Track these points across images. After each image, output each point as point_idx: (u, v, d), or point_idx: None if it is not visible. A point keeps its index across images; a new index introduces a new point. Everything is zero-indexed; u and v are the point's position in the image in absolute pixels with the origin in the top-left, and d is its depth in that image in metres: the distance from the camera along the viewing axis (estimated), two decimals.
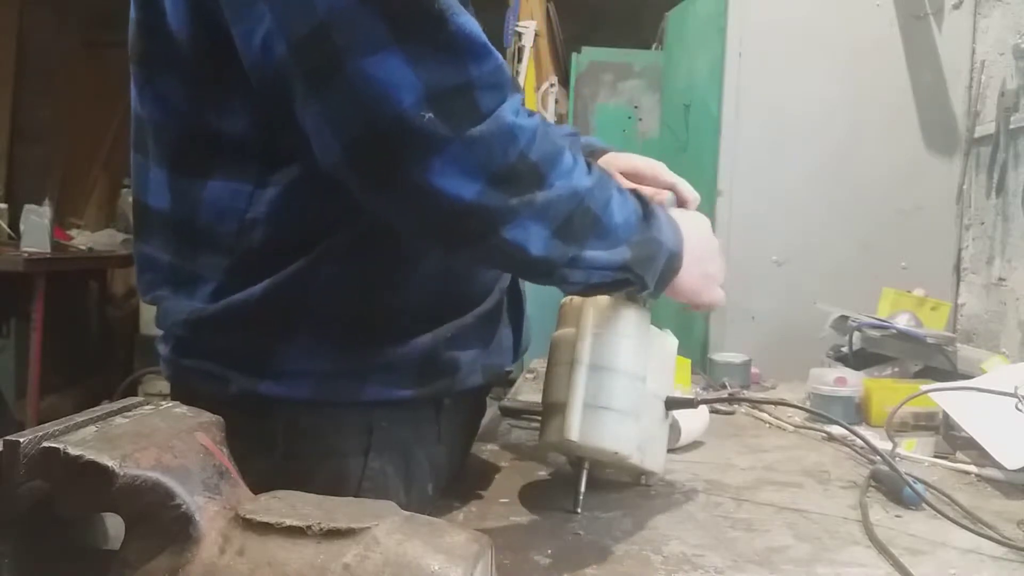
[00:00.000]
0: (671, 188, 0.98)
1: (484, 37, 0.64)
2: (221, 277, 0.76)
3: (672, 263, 0.80)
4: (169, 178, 0.77)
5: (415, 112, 0.61)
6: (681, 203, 0.98)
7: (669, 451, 1.09)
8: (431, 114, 0.61)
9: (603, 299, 0.85)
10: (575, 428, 0.80)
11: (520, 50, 3.72)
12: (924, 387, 1.21)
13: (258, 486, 0.54)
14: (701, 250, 0.85)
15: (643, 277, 0.77)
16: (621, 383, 0.83)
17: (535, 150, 0.66)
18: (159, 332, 0.82)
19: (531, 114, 0.68)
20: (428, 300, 0.79)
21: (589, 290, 0.79)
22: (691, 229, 0.85)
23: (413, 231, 0.71)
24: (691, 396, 0.97)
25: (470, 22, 0.64)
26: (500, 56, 0.66)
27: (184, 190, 0.76)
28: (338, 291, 0.75)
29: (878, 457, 0.98)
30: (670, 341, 0.94)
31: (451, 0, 0.63)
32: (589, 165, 0.73)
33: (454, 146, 0.62)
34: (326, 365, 0.76)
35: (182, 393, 0.78)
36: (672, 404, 0.93)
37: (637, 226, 0.75)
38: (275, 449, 0.76)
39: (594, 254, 0.72)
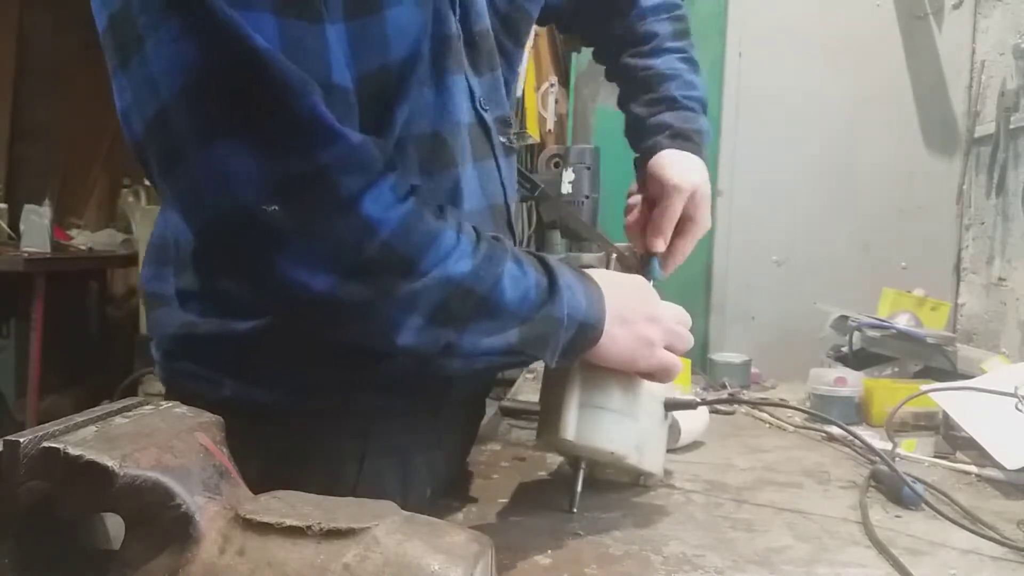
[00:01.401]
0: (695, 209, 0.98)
1: (333, 120, 0.59)
2: (210, 296, 0.76)
3: (586, 334, 0.74)
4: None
5: (257, 205, 0.58)
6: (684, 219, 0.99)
7: (669, 451, 1.09)
8: (276, 206, 0.58)
9: None
10: (571, 428, 0.80)
11: None
12: (924, 387, 1.21)
13: (254, 489, 0.54)
14: (631, 312, 0.78)
15: (538, 356, 0.72)
16: (618, 383, 0.83)
17: (401, 240, 0.62)
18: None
19: (405, 197, 0.63)
20: None
21: (474, 373, 0.74)
22: (620, 292, 0.79)
23: (283, 317, 0.70)
24: (691, 397, 0.97)
25: (314, 104, 0.58)
26: (357, 137, 0.60)
27: (160, 213, 0.79)
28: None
29: (878, 457, 0.98)
30: None
31: (293, 79, 0.57)
32: (478, 240, 0.68)
33: (301, 240, 0.59)
34: (319, 378, 0.75)
35: (175, 397, 0.78)
36: (671, 405, 0.93)
37: (536, 301, 0.70)
38: (270, 453, 0.76)
39: (474, 340, 0.67)
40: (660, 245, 0.99)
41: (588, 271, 0.79)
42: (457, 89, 0.77)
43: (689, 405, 0.95)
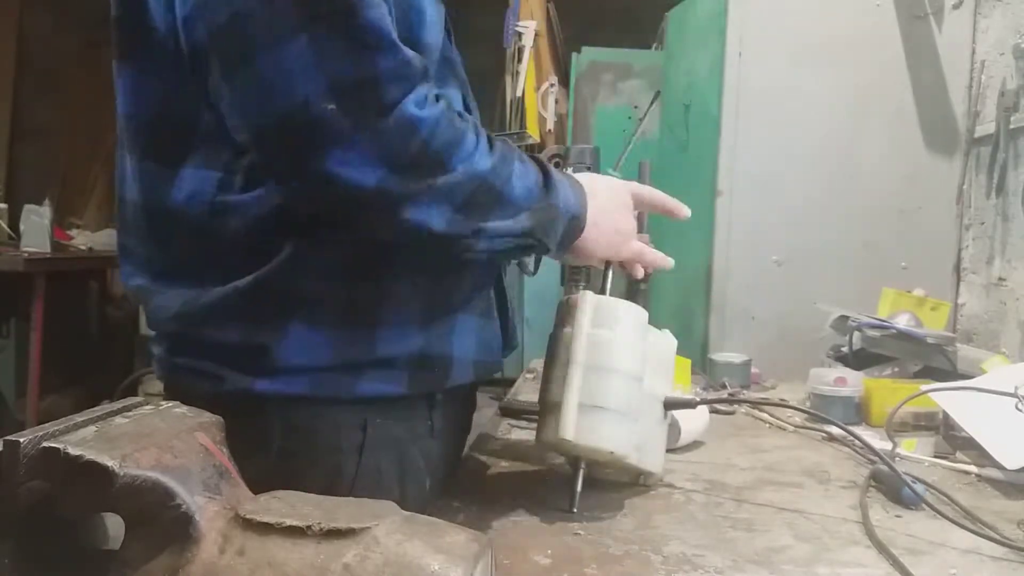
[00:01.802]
0: None
1: (392, 32, 0.66)
2: (201, 264, 0.77)
3: (574, 224, 0.83)
4: (140, 167, 0.79)
5: (317, 103, 0.64)
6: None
7: (669, 451, 1.09)
8: (333, 105, 0.64)
9: (600, 298, 0.85)
10: (570, 428, 0.80)
11: (520, 50, 3.72)
12: (924, 387, 1.21)
13: (253, 485, 0.54)
14: (609, 208, 0.88)
15: (544, 241, 0.80)
16: (617, 383, 0.83)
17: (437, 139, 0.69)
18: (152, 333, 0.83)
19: (437, 101, 0.70)
20: (418, 296, 0.80)
21: (495, 256, 0.83)
22: (597, 189, 0.87)
23: (321, 214, 0.73)
24: (691, 396, 0.97)
25: (381, 16, 0.66)
26: (408, 52, 0.68)
27: (154, 178, 0.78)
28: (325, 281, 0.76)
29: (878, 457, 0.98)
30: (668, 341, 0.94)
31: None
32: (492, 142, 0.76)
33: (355, 137, 0.65)
34: (320, 360, 0.77)
35: (176, 393, 0.78)
36: (671, 404, 0.93)
37: (538, 194, 0.78)
38: (270, 448, 0.76)
39: (496, 224, 0.75)
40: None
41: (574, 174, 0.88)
42: (456, 100, 0.86)
43: (688, 404, 0.95)
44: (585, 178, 0.89)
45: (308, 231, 0.75)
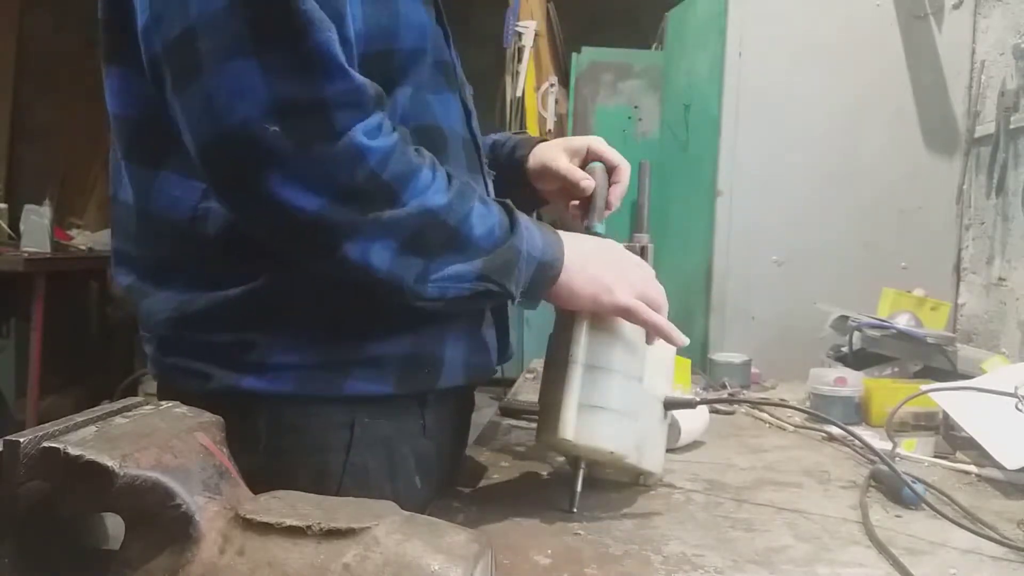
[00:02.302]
0: (600, 156, 0.99)
1: (340, 57, 0.65)
2: (189, 266, 0.77)
3: (544, 271, 0.79)
4: (128, 169, 0.80)
5: (259, 123, 0.63)
6: (609, 169, 0.99)
7: (669, 451, 1.09)
8: (276, 127, 0.63)
9: None
10: (570, 428, 0.80)
11: (520, 50, 3.72)
12: (924, 387, 1.21)
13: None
14: (593, 259, 0.83)
15: (504, 286, 0.76)
16: (616, 383, 0.83)
17: (387, 170, 0.68)
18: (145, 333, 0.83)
19: (391, 132, 0.69)
20: None
21: (450, 305, 0.76)
22: (584, 246, 0.84)
23: (263, 238, 0.72)
24: (690, 396, 0.97)
25: (329, 40, 0.65)
26: (358, 78, 0.67)
27: (140, 180, 0.79)
28: (314, 285, 0.76)
29: (877, 457, 0.98)
30: None
31: (316, 15, 0.64)
32: (450, 179, 0.74)
33: (297, 160, 0.64)
34: (308, 359, 0.77)
35: (167, 392, 0.79)
36: (671, 404, 0.93)
37: (500, 236, 0.75)
38: (257, 446, 0.76)
39: (446, 268, 0.72)
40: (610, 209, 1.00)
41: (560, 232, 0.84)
42: (453, 103, 0.85)
43: (688, 404, 0.95)
44: (573, 236, 0.84)
45: None
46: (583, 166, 1.00)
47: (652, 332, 0.86)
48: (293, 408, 0.77)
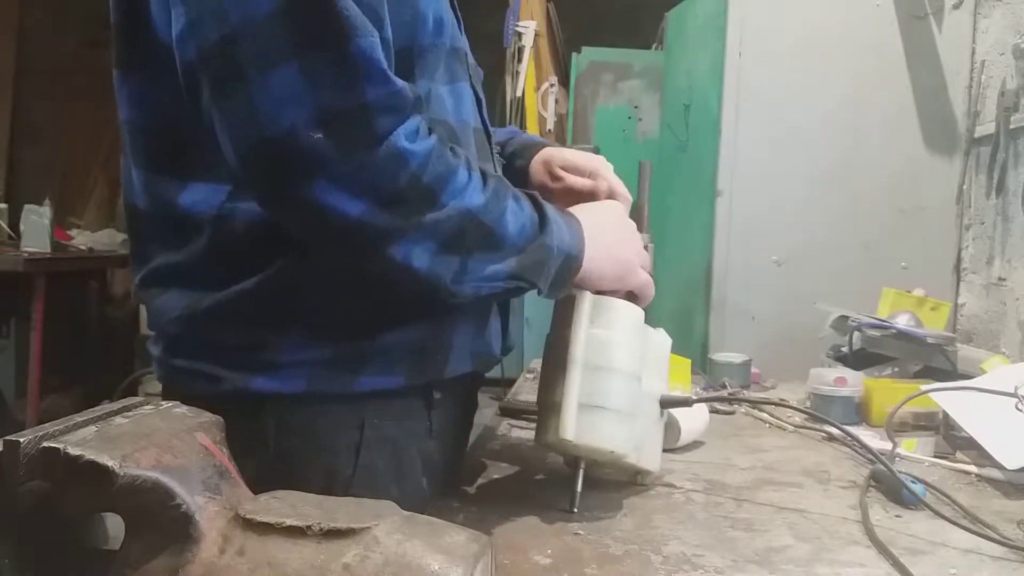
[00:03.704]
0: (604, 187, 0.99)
1: (383, 62, 0.65)
2: (205, 266, 0.76)
3: (569, 264, 0.81)
4: (146, 178, 0.79)
5: (304, 131, 0.63)
6: (609, 197, 0.98)
7: (669, 451, 1.10)
8: (320, 134, 0.63)
9: (598, 298, 0.85)
10: (571, 428, 0.80)
11: (520, 50, 3.72)
12: (924, 387, 1.21)
13: (251, 485, 0.54)
14: (609, 240, 0.86)
15: (535, 283, 0.78)
16: (616, 382, 0.83)
17: (428, 173, 0.68)
18: (151, 333, 0.83)
19: (429, 134, 0.69)
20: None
21: (480, 300, 0.79)
22: (596, 220, 0.85)
23: (306, 241, 0.73)
24: (687, 394, 0.97)
25: (372, 45, 0.65)
26: (399, 82, 0.67)
27: (159, 186, 0.78)
28: (330, 283, 0.76)
29: (883, 454, 0.98)
30: (663, 340, 0.94)
31: (359, 20, 0.64)
32: (485, 178, 0.74)
33: (340, 167, 0.64)
34: (320, 354, 0.77)
35: (174, 395, 0.78)
36: (667, 403, 0.93)
37: (531, 233, 0.76)
38: (267, 449, 0.76)
39: (483, 266, 0.73)
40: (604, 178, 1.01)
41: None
42: (466, 94, 0.84)
43: (684, 403, 0.95)
44: (586, 211, 0.86)
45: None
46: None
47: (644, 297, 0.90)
48: (302, 410, 0.77)
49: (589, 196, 0.98)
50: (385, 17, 0.68)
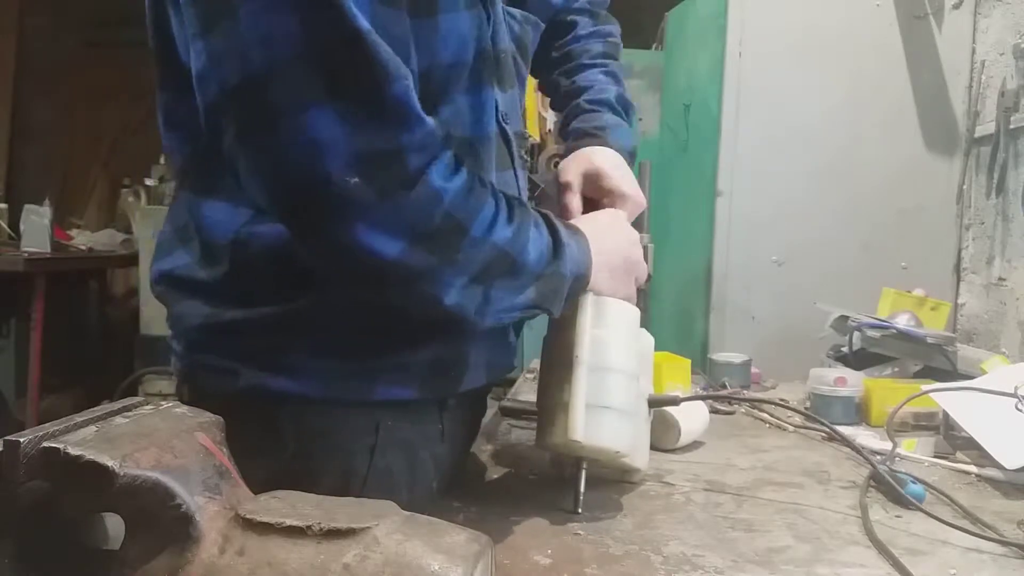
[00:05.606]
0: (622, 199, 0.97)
1: (417, 105, 0.64)
2: (229, 288, 0.77)
3: (579, 283, 0.82)
4: (179, 194, 0.81)
5: (341, 176, 0.61)
6: (616, 197, 0.97)
7: (669, 451, 1.10)
8: (357, 179, 0.62)
9: (597, 298, 0.85)
10: (579, 428, 0.80)
11: None
12: (924, 387, 1.21)
13: (267, 485, 0.54)
14: (609, 248, 0.87)
15: (549, 309, 0.80)
16: (620, 382, 0.83)
17: (460, 208, 0.68)
18: (167, 332, 0.83)
19: (458, 169, 0.69)
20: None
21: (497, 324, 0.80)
22: (601, 234, 0.86)
23: (340, 276, 0.72)
24: (674, 394, 1.00)
25: (407, 89, 0.63)
26: (430, 122, 0.66)
27: (189, 206, 0.79)
28: (351, 308, 0.75)
29: (878, 457, 0.98)
30: (647, 339, 0.95)
31: (393, 64, 0.62)
32: (511, 208, 0.73)
33: (378, 210, 0.64)
34: (338, 365, 0.77)
35: (191, 390, 0.80)
36: (654, 403, 0.94)
37: (547, 259, 0.76)
38: (284, 448, 0.77)
39: (504, 298, 0.74)
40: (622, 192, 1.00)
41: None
42: (488, 101, 0.83)
43: (672, 402, 0.97)
44: (588, 220, 0.88)
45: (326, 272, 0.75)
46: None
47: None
48: (319, 412, 0.78)
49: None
50: (412, 48, 0.68)
